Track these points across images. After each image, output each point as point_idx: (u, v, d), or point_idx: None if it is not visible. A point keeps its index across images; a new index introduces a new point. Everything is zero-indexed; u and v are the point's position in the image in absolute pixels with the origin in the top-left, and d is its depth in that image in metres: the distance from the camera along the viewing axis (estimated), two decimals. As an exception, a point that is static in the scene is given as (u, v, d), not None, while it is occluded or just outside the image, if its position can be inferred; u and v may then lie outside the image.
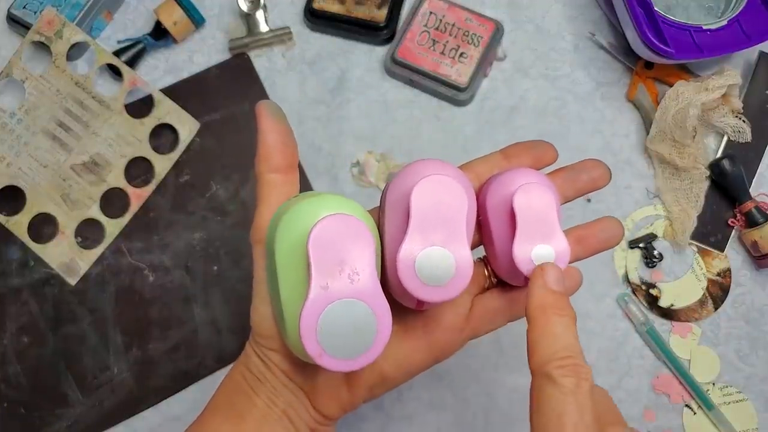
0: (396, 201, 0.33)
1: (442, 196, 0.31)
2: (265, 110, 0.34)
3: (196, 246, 0.61)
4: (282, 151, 0.34)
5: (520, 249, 0.32)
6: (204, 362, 0.59)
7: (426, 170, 0.32)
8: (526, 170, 0.34)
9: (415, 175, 0.32)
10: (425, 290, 0.31)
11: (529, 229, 0.32)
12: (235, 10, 0.67)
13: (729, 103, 0.62)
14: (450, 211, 0.31)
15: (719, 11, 0.63)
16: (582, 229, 0.37)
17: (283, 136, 0.34)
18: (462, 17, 0.64)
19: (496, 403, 0.58)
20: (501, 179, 0.34)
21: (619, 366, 0.58)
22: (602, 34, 0.66)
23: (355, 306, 0.29)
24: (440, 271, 0.31)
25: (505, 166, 0.37)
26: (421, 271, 0.31)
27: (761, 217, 0.59)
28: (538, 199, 0.32)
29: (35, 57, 0.65)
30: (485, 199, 0.35)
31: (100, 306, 0.60)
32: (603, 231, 0.37)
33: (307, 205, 0.31)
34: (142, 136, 0.62)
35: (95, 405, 0.58)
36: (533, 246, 0.32)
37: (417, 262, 0.31)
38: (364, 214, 0.33)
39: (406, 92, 0.65)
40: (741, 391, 0.58)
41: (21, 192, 0.60)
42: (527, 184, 0.33)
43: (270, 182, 0.34)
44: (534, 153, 0.38)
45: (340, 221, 0.29)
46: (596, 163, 0.38)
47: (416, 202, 0.31)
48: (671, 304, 0.60)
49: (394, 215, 0.32)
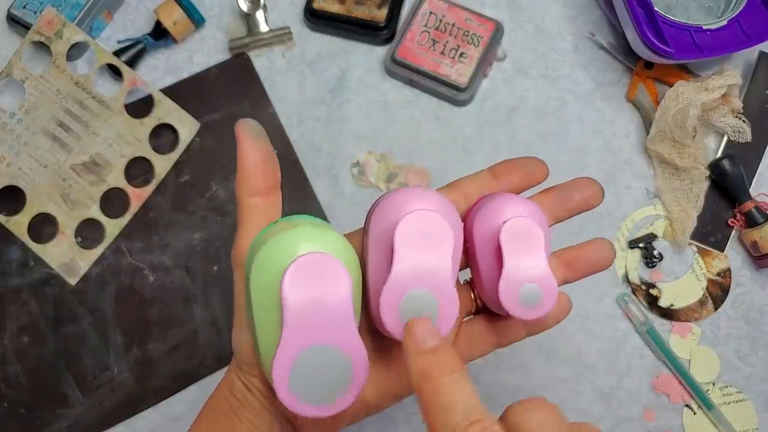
0: (380, 235, 0.31)
1: (426, 233, 0.30)
2: (244, 130, 0.33)
3: (196, 246, 0.61)
4: (262, 174, 0.33)
5: (506, 288, 0.31)
6: (204, 362, 0.59)
7: (409, 203, 0.31)
8: (514, 199, 0.33)
9: (398, 209, 0.31)
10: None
11: (515, 266, 0.31)
12: (235, 10, 0.67)
13: (729, 103, 0.62)
14: (435, 249, 0.30)
15: (719, 11, 0.63)
16: (572, 251, 0.36)
17: (263, 157, 0.33)
18: (462, 17, 0.64)
19: (496, 403, 0.58)
20: (488, 209, 0.33)
21: (619, 366, 0.59)
22: (602, 34, 0.66)
23: (329, 351, 0.28)
24: (424, 314, 0.29)
25: (493, 186, 0.36)
26: (405, 314, 0.29)
27: (761, 217, 0.59)
28: (525, 235, 0.31)
29: (35, 57, 0.65)
30: (472, 226, 0.34)
31: (101, 306, 0.60)
32: (594, 253, 0.36)
33: (282, 240, 0.29)
34: (142, 136, 0.62)
35: (95, 405, 0.58)
36: (519, 284, 0.31)
37: (401, 306, 0.29)
38: (342, 245, 0.31)
39: (406, 92, 0.65)
40: (741, 391, 0.58)
41: (21, 192, 0.60)
42: (514, 219, 0.31)
43: (250, 206, 0.33)
44: (523, 171, 0.36)
45: (314, 262, 0.27)
46: (588, 181, 0.36)
47: (400, 241, 0.29)
48: (671, 304, 0.60)
49: (378, 248, 0.31)
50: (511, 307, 0.31)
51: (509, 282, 0.31)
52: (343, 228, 0.61)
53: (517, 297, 0.31)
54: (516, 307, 0.31)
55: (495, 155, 0.63)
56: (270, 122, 0.64)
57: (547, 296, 0.32)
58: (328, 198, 0.62)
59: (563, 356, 0.59)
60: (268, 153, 0.33)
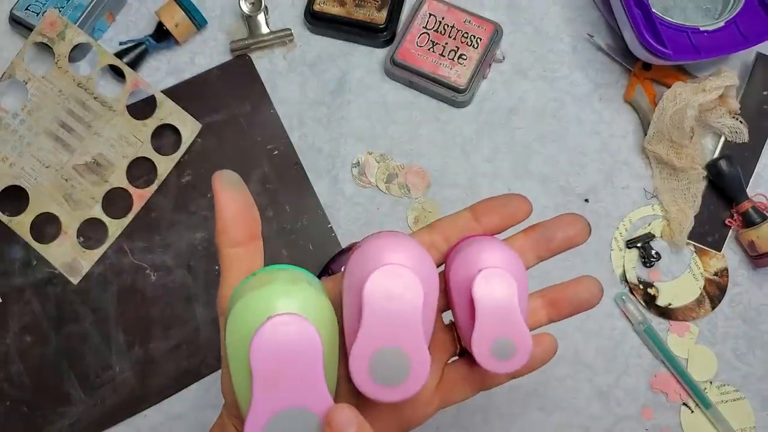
0: (351, 286, 0.31)
1: (395, 290, 0.29)
2: (221, 182, 0.32)
3: (197, 246, 0.62)
4: (241, 224, 0.32)
5: (479, 342, 0.31)
6: (206, 361, 0.59)
7: (382, 255, 0.30)
8: (490, 246, 0.32)
9: (368, 261, 0.30)
10: (379, 391, 0.29)
11: (489, 320, 0.31)
12: (236, 11, 0.67)
13: (726, 104, 0.62)
14: (405, 306, 0.29)
15: (716, 13, 0.64)
16: (558, 290, 0.35)
17: (240, 208, 0.32)
18: (461, 19, 0.65)
19: (495, 402, 0.58)
20: (463, 257, 0.32)
21: (617, 365, 0.59)
22: (600, 36, 0.67)
23: (300, 414, 0.27)
24: (395, 372, 0.29)
25: (474, 228, 0.35)
26: (376, 371, 0.29)
27: (758, 217, 0.59)
28: (499, 288, 0.30)
29: (38, 58, 0.65)
30: (449, 271, 0.33)
31: (103, 305, 0.60)
32: (580, 293, 0.35)
33: (255, 299, 0.29)
34: (144, 137, 0.62)
35: (97, 404, 0.58)
36: (492, 338, 0.31)
37: (371, 362, 0.29)
38: (316, 302, 0.30)
39: (406, 94, 0.66)
40: (738, 390, 0.58)
41: (24, 192, 0.61)
42: (487, 271, 0.30)
43: (230, 256, 0.33)
44: (504, 211, 0.35)
45: (283, 326, 0.27)
46: (573, 219, 0.35)
47: (368, 298, 0.29)
48: (669, 304, 0.60)
49: (351, 303, 0.31)
50: (484, 360, 0.31)
51: (482, 336, 0.31)
52: (343, 228, 0.62)
53: (490, 350, 0.31)
54: (489, 361, 0.31)
55: (494, 156, 0.64)
56: (271, 123, 0.64)
57: (521, 350, 0.31)
58: (328, 198, 0.63)
59: (561, 355, 0.59)
60: (246, 203, 0.33)
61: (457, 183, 0.63)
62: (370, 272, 0.29)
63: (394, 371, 0.29)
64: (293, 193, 0.63)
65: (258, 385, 0.27)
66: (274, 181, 0.63)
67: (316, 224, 0.62)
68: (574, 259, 0.61)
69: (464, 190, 0.63)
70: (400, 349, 0.29)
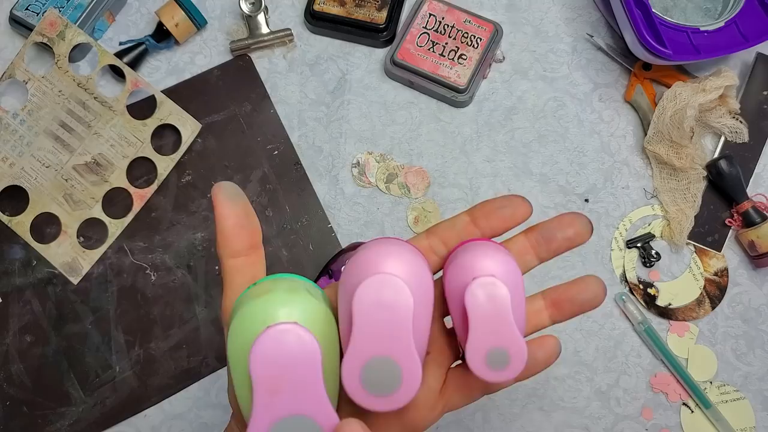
0: (344, 296, 0.31)
1: (385, 299, 0.29)
2: (220, 194, 0.33)
3: (197, 246, 0.62)
4: (241, 236, 0.33)
5: (473, 351, 0.30)
6: (206, 360, 0.59)
7: (373, 264, 0.30)
8: (486, 252, 0.32)
9: (360, 271, 0.30)
10: (371, 400, 0.29)
11: (482, 330, 0.30)
12: (236, 11, 0.67)
13: (726, 104, 0.62)
14: (395, 316, 0.29)
15: (717, 13, 0.64)
16: (560, 290, 0.35)
17: (240, 220, 0.33)
18: (461, 19, 0.65)
19: (495, 402, 0.58)
20: (458, 263, 0.32)
21: (617, 365, 0.59)
22: (600, 36, 0.67)
23: (300, 422, 0.27)
24: (386, 382, 0.29)
25: (472, 232, 0.35)
26: (366, 382, 0.29)
27: (758, 217, 0.59)
28: (492, 296, 0.30)
29: (38, 58, 0.65)
30: (445, 277, 0.33)
31: (103, 305, 0.60)
32: (582, 294, 0.35)
33: (255, 308, 0.29)
34: (144, 137, 0.62)
35: (97, 403, 0.58)
36: (486, 348, 0.30)
37: (362, 372, 0.29)
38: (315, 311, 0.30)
39: (406, 94, 0.66)
40: (738, 390, 0.58)
41: (24, 192, 0.61)
42: (479, 280, 0.30)
43: (232, 267, 0.33)
44: (503, 214, 0.34)
45: (282, 334, 0.27)
46: (573, 218, 0.34)
47: (358, 308, 0.29)
48: (669, 304, 0.60)
49: (344, 309, 0.31)
50: (479, 371, 0.31)
51: (475, 346, 0.30)
52: (343, 228, 0.62)
53: (485, 361, 0.30)
54: (483, 370, 0.31)
55: (494, 156, 0.64)
56: (271, 123, 0.64)
57: (516, 359, 0.31)
58: (328, 198, 0.63)
59: (561, 355, 0.59)
60: (247, 213, 0.33)
61: (457, 183, 0.63)
62: (360, 281, 0.29)
63: (386, 381, 0.29)
64: (293, 193, 0.63)
65: (258, 394, 0.27)
66: (274, 181, 0.63)
67: (316, 224, 0.62)
68: (574, 259, 0.61)
69: (464, 190, 0.63)
70: (390, 359, 0.29)
